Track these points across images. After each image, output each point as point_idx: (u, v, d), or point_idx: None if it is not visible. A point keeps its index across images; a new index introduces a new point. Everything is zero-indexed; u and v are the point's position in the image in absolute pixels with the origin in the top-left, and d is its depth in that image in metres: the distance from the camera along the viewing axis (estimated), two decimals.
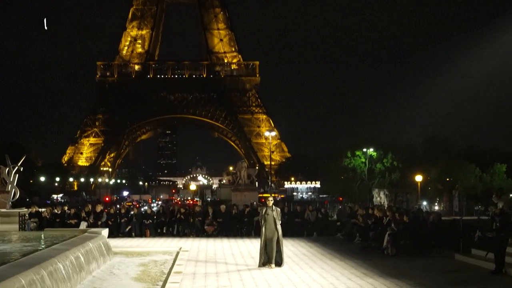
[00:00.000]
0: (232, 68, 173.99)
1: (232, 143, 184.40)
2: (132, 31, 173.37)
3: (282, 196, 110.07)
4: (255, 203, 35.82)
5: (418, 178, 56.80)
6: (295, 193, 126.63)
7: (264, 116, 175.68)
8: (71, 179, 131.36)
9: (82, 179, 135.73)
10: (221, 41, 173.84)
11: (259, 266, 15.13)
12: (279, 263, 15.23)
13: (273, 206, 15.66)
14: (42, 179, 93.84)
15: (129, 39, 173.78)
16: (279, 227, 15.43)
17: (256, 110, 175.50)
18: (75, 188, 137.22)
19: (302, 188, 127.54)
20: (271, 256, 15.14)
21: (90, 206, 27.49)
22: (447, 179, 60.68)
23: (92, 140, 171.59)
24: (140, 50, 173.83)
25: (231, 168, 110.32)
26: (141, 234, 26.17)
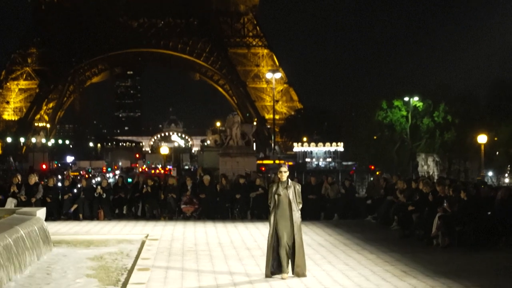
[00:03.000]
0: None
1: (220, 89, 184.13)
2: None
3: (291, 163, 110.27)
4: (252, 173, 35.89)
5: (482, 139, 56.81)
6: (308, 160, 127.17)
7: (266, 51, 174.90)
8: None
9: (9, 139, 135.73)
10: None
11: (266, 275, 13.50)
12: (298, 272, 13.56)
13: (289, 181, 13.80)
14: None
15: None
16: (296, 214, 13.63)
17: (254, 42, 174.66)
18: None
19: (318, 152, 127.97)
20: (284, 261, 13.42)
21: (20, 177, 27.47)
22: None
23: (23, 84, 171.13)
24: None
25: (218, 124, 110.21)
26: (91, 216, 26.27)
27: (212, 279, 13.57)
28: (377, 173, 51.07)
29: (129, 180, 37.19)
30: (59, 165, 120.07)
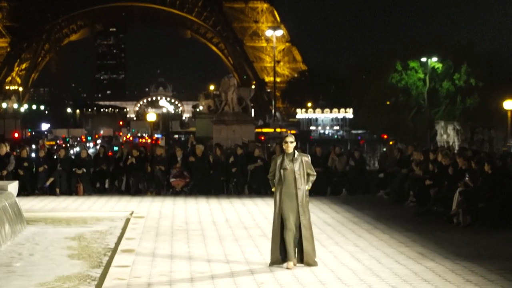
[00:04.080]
0: None
1: (214, 48, 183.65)
2: None
3: (294, 131, 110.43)
4: (250, 142, 35.84)
5: (508, 104, 56.72)
6: (313, 128, 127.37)
7: (265, 5, 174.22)
8: None
9: None
10: None
11: (271, 263, 13.06)
12: (308, 261, 13.04)
13: (295, 153, 13.24)
14: None
15: None
16: (302, 192, 13.08)
17: None
18: None
19: (324, 119, 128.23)
20: (290, 247, 12.93)
21: None
22: None
23: None
24: None
25: (212, 88, 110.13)
26: (70, 190, 26.27)
27: (205, 262, 13.55)
28: (391, 143, 51.06)
29: (115, 148, 37.13)
30: (33, 133, 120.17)
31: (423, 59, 65.07)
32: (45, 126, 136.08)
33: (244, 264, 13.41)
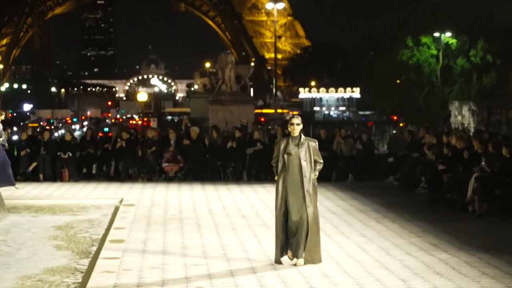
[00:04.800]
0: None
1: (211, 22, 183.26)
2: None
3: (296, 112, 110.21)
4: (249, 124, 35.92)
5: None
6: (317, 108, 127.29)
7: None
8: None
9: None
10: None
11: (276, 260, 12.64)
12: (307, 258, 12.61)
13: (301, 136, 12.83)
14: None
15: None
16: (308, 181, 12.65)
17: None
18: None
19: (329, 99, 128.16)
20: (295, 243, 12.56)
21: None
22: None
23: None
24: None
25: (207, 66, 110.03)
26: (54, 176, 26.31)
27: (201, 254, 13.57)
28: (401, 124, 51.07)
29: (106, 129, 37.03)
30: (15, 114, 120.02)
31: (436, 34, 64.95)
32: (27, 107, 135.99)
33: (243, 255, 13.43)
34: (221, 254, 13.52)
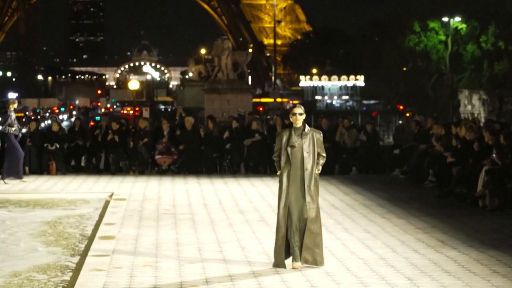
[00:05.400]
0: None
1: (206, 6, 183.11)
2: None
3: (296, 102, 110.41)
4: (247, 114, 35.93)
5: None
6: (318, 97, 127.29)
7: None
8: None
9: None
10: None
11: (277, 264, 12.18)
12: (306, 258, 12.23)
13: (305, 127, 12.42)
14: None
15: None
16: (309, 176, 12.22)
17: None
18: None
19: (331, 87, 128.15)
20: (295, 246, 12.13)
21: None
22: None
23: None
24: None
25: (203, 52, 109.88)
26: (41, 169, 26.30)
27: (195, 251, 13.60)
28: (407, 114, 51.18)
29: (97, 118, 36.94)
30: None
31: (445, 19, 64.94)
32: (12, 95, 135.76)
33: (240, 252, 13.46)
34: (217, 251, 13.55)
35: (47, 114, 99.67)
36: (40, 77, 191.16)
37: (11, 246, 14.20)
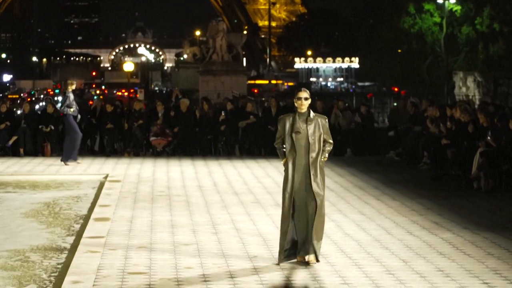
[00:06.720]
0: None
1: None
2: None
3: (291, 84, 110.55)
4: (241, 96, 35.90)
5: None
6: (313, 79, 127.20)
7: None
8: None
9: None
10: None
11: (280, 260, 11.32)
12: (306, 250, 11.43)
13: (310, 112, 11.59)
14: None
15: None
16: (314, 163, 11.62)
17: None
18: None
19: (326, 69, 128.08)
20: (304, 238, 11.45)
21: None
22: None
23: None
24: None
25: (197, 34, 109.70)
26: (35, 151, 26.27)
27: (190, 233, 13.60)
28: (402, 93, 51.13)
29: (95, 98, 36.83)
30: None
31: (440, 1, 64.78)
32: (6, 77, 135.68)
33: (234, 234, 13.46)
34: (211, 232, 13.54)
35: (42, 96, 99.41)
36: (34, 58, 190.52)
37: (6, 228, 14.18)
